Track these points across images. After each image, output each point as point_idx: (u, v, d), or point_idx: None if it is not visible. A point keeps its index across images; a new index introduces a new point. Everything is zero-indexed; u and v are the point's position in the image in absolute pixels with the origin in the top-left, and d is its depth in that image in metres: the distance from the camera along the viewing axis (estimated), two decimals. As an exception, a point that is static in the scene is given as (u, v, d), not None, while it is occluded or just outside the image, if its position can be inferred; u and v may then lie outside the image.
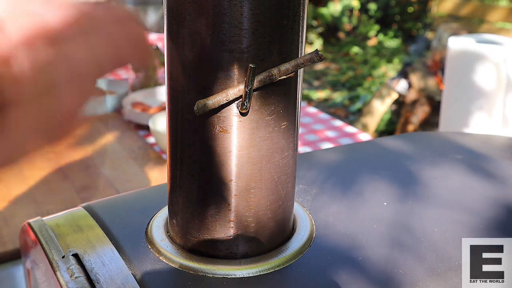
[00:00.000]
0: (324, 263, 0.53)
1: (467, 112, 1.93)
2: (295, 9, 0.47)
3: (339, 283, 0.50)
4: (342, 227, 0.59)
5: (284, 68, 0.47)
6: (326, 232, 0.58)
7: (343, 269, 0.52)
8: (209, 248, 0.53)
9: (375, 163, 0.75)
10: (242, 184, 0.50)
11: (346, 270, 0.52)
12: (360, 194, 0.66)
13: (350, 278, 0.51)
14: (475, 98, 1.91)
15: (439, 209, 0.63)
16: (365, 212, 0.62)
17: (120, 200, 0.68)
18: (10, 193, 1.20)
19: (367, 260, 0.54)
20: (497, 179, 0.71)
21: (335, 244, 0.56)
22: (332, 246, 0.56)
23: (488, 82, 1.88)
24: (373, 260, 0.54)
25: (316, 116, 1.76)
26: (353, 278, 0.51)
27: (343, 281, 0.51)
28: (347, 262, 0.53)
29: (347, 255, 0.54)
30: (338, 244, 0.56)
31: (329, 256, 0.54)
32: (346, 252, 0.55)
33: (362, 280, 0.51)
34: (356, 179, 0.70)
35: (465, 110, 1.93)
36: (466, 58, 1.90)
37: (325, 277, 0.51)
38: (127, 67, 0.40)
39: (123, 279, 0.50)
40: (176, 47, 0.48)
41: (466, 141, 0.84)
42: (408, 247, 0.56)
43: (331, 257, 0.54)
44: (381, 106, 3.48)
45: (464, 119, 1.94)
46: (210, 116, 0.48)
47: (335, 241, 0.56)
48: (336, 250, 0.55)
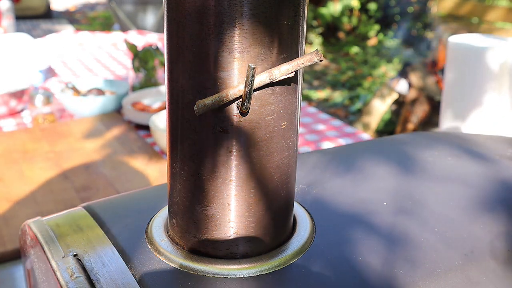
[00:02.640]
0: (324, 263, 0.53)
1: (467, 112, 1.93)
2: (295, 9, 0.47)
3: (339, 283, 0.50)
4: (342, 227, 0.59)
5: (284, 68, 0.47)
6: (326, 232, 0.58)
7: (342, 269, 0.52)
8: (209, 248, 0.53)
9: (375, 163, 0.75)
10: (242, 184, 0.50)
11: (345, 270, 0.52)
12: (360, 194, 0.66)
13: (350, 278, 0.51)
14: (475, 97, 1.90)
15: (439, 208, 0.63)
16: (365, 212, 0.62)
17: (120, 200, 0.68)
18: (10, 193, 1.20)
19: (367, 260, 0.54)
20: (497, 179, 0.71)
21: (335, 244, 0.56)
22: (332, 246, 0.56)
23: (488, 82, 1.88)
24: (373, 260, 0.54)
25: (316, 116, 1.76)
26: (353, 278, 0.51)
27: (343, 281, 0.51)
28: (347, 262, 0.53)
29: (347, 255, 0.54)
30: (338, 244, 0.56)
31: (329, 256, 0.54)
32: (345, 252, 0.55)
33: (362, 280, 0.51)
34: (356, 179, 0.70)
35: (465, 110, 1.93)
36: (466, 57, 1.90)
37: (325, 277, 0.51)
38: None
39: (123, 279, 0.50)
40: (176, 47, 0.48)
41: (466, 141, 0.84)
42: (408, 247, 0.56)
43: (331, 257, 0.54)
44: (381, 106, 3.48)
45: (464, 119, 1.94)
46: (210, 116, 0.48)
47: (335, 241, 0.56)
48: (336, 250, 0.55)
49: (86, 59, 2.42)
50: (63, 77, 2.16)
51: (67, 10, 8.39)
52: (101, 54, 2.50)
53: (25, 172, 1.30)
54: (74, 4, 8.83)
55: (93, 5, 8.83)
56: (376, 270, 0.52)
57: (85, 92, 1.76)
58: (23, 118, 1.72)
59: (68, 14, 8.07)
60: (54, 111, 1.65)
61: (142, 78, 1.80)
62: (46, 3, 7.33)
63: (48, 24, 7.10)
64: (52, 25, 7.00)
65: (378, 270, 0.53)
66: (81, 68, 2.30)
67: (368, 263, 0.53)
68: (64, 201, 1.16)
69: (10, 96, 1.69)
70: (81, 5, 8.79)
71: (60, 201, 1.16)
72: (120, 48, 2.60)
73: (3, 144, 1.46)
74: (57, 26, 6.90)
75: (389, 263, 0.53)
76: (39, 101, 1.61)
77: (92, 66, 2.33)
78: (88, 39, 2.70)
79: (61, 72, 2.23)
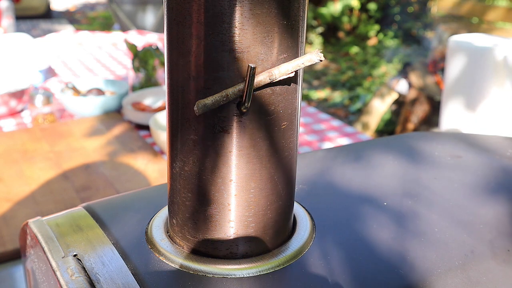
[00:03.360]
0: (324, 263, 0.53)
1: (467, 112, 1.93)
2: (295, 9, 0.47)
3: (339, 283, 0.50)
4: (342, 227, 0.59)
5: (284, 68, 0.47)
6: (326, 232, 0.58)
7: (343, 269, 0.52)
8: (209, 248, 0.53)
9: (375, 163, 0.75)
10: (242, 184, 0.50)
11: (346, 270, 0.52)
12: (360, 194, 0.66)
13: (350, 278, 0.51)
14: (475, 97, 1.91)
15: (439, 209, 0.63)
16: (365, 212, 0.62)
17: (120, 200, 0.68)
18: (10, 193, 1.20)
19: (367, 260, 0.54)
20: (497, 179, 0.71)
21: (335, 244, 0.56)
22: (332, 246, 0.56)
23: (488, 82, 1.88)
24: (373, 260, 0.54)
25: (316, 116, 1.76)
26: (353, 278, 0.51)
27: (343, 281, 0.51)
28: (347, 262, 0.53)
29: (347, 255, 0.54)
30: (338, 244, 0.56)
31: (329, 256, 0.54)
32: (345, 252, 0.55)
33: (362, 280, 0.51)
34: (356, 179, 0.70)
35: (465, 110, 1.93)
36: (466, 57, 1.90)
37: (325, 277, 0.51)
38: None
39: (123, 279, 0.50)
40: (176, 47, 0.48)
41: (466, 141, 0.84)
42: (408, 247, 0.56)
43: (331, 257, 0.54)
44: (381, 106, 3.48)
45: (464, 119, 1.94)
46: (210, 116, 0.48)
47: (335, 241, 0.56)
48: (336, 250, 0.55)
49: (86, 59, 2.42)
50: (63, 77, 2.16)
51: (67, 10, 8.39)
52: (101, 54, 2.50)
53: (25, 172, 1.30)
54: (74, 4, 8.83)
55: (93, 5, 8.83)
56: (376, 270, 0.53)
57: (85, 92, 1.76)
58: (23, 118, 1.72)
59: (68, 14, 8.08)
60: (54, 111, 1.65)
61: (142, 78, 1.80)
62: (46, 3, 7.33)
63: (48, 24, 7.11)
64: (52, 25, 7.00)
65: (378, 270, 0.53)
66: (81, 68, 2.30)
67: (368, 263, 0.53)
68: (64, 201, 1.16)
69: (10, 96, 1.69)
70: (81, 5, 8.79)
71: (60, 201, 1.16)
72: (120, 48, 2.60)
73: (3, 144, 1.46)
74: (57, 26, 6.91)
75: (389, 263, 0.53)
76: (39, 101, 1.61)
77: (92, 66, 2.33)
78: (88, 39, 2.70)
79: (61, 72, 2.23)
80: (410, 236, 0.58)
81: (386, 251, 0.55)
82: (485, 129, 1.91)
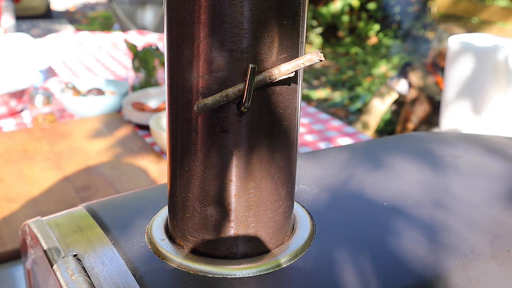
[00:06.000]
0: (324, 263, 0.53)
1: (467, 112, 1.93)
2: (295, 9, 0.47)
3: (339, 283, 0.50)
4: (342, 227, 0.59)
5: (284, 68, 0.47)
6: (326, 232, 0.58)
7: (343, 269, 0.52)
8: (209, 248, 0.53)
9: (375, 163, 0.75)
10: (242, 184, 0.50)
11: (346, 270, 0.52)
12: (360, 194, 0.66)
13: (350, 278, 0.51)
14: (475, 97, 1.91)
15: (439, 209, 0.63)
16: (365, 212, 0.62)
17: (120, 200, 0.68)
18: (10, 193, 1.20)
19: (367, 260, 0.54)
20: (497, 179, 0.71)
21: (335, 244, 0.56)
22: (332, 246, 0.56)
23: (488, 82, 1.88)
24: (373, 260, 0.54)
25: (316, 116, 1.76)
26: (353, 278, 0.51)
27: (343, 281, 0.51)
28: (347, 262, 0.53)
29: (347, 255, 0.54)
30: (338, 244, 0.56)
31: (329, 256, 0.54)
32: (346, 252, 0.55)
33: (362, 280, 0.51)
34: (356, 179, 0.70)
35: (465, 110, 1.93)
36: (466, 57, 1.90)
37: (325, 277, 0.51)
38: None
39: (123, 279, 0.50)
40: (176, 47, 0.48)
41: (465, 141, 0.84)
42: (408, 247, 0.56)
43: (331, 257, 0.54)
44: (381, 106, 3.48)
45: (464, 119, 1.94)
46: (210, 116, 0.48)
47: (335, 241, 0.56)
48: (336, 250, 0.55)
49: (86, 59, 2.42)
50: (63, 77, 2.16)
51: (67, 10, 8.39)
52: (101, 54, 2.50)
53: (25, 172, 1.30)
54: (74, 4, 8.83)
55: (93, 5, 8.83)
56: (376, 270, 0.53)
57: (85, 92, 1.76)
58: (23, 118, 1.72)
59: (68, 14, 8.07)
60: (54, 111, 1.65)
61: (142, 78, 1.80)
62: (46, 3, 7.33)
63: (48, 24, 7.11)
64: (52, 25, 7.00)
65: (378, 270, 0.53)
66: (81, 68, 2.30)
67: (368, 263, 0.53)
68: (64, 201, 1.16)
69: (10, 96, 1.69)
70: (81, 5, 8.79)
71: (60, 201, 1.16)
72: (120, 48, 2.60)
73: (3, 144, 1.46)
74: (57, 26, 6.91)
75: (389, 263, 0.53)
76: (39, 101, 1.61)
77: (92, 66, 2.33)
78: (88, 39, 2.70)
79: (61, 72, 2.23)
80: (409, 236, 0.58)
81: (386, 251, 0.55)
82: (485, 129, 1.91)
